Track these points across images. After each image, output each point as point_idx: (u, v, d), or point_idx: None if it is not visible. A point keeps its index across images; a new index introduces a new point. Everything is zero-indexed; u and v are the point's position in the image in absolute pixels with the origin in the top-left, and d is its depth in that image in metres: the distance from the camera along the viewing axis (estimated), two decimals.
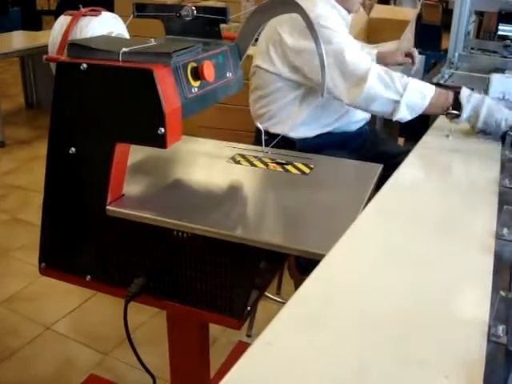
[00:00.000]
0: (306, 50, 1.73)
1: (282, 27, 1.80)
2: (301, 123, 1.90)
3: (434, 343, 0.68)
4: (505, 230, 0.96)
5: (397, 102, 1.65)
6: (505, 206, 1.04)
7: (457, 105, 1.60)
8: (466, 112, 1.59)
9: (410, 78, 1.68)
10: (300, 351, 0.67)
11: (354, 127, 2.01)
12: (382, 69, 1.69)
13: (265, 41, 1.89)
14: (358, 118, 2.00)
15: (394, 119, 1.69)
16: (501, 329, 0.68)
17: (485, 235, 0.97)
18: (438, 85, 2.05)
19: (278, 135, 1.74)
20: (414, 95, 1.65)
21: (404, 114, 1.67)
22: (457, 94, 1.63)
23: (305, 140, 1.90)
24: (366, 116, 2.04)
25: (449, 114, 1.62)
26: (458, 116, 1.60)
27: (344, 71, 1.69)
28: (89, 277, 1.28)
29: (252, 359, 0.65)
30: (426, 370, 0.64)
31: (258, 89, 1.96)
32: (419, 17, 5.68)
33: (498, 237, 0.95)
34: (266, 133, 1.82)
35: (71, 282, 1.33)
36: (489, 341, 0.67)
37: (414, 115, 1.69)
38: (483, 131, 1.59)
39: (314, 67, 1.74)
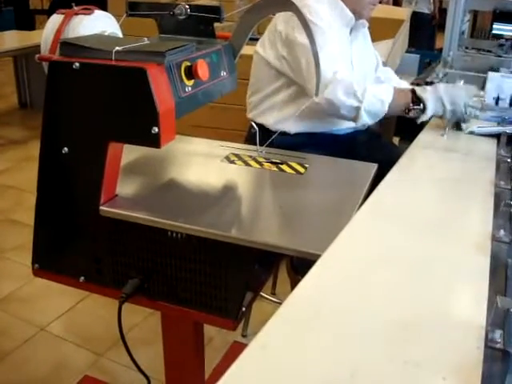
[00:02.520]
0: (296, 40, 1.73)
1: (280, 16, 1.82)
2: (283, 117, 1.88)
3: (431, 345, 0.68)
4: (501, 232, 0.95)
5: (357, 108, 1.68)
6: (501, 208, 1.04)
7: (416, 100, 1.66)
8: (429, 100, 1.63)
9: (369, 86, 1.72)
10: (295, 354, 0.66)
11: (340, 132, 1.96)
12: (345, 76, 1.70)
13: (267, 30, 1.91)
14: (346, 125, 1.94)
15: (357, 125, 1.75)
16: (498, 334, 0.67)
17: (481, 237, 0.96)
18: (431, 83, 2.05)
19: (263, 126, 1.80)
20: (373, 102, 1.69)
21: (365, 120, 1.72)
22: (413, 91, 1.69)
23: (283, 135, 1.82)
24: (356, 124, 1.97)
25: (411, 110, 1.66)
26: (422, 110, 1.64)
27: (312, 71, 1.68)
28: (82, 278, 1.27)
29: (246, 363, 0.64)
30: (424, 371, 0.63)
31: (251, 76, 1.97)
32: (433, 18, 5.70)
33: (494, 239, 0.94)
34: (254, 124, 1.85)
35: (65, 283, 1.32)
36: (486, 346, 0.66)
37: (376, 120, 1.74)
38: (453, 116, 1.63)
39: (296, 58, 1.75)
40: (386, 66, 2.21)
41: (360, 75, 1.89)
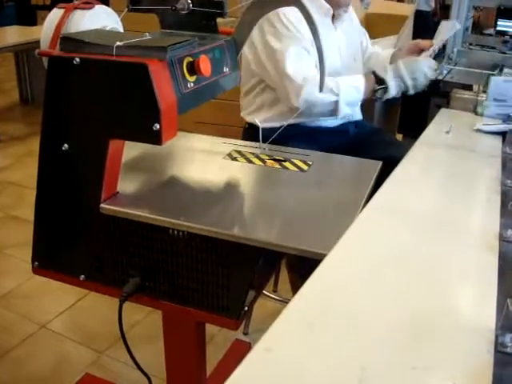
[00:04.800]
0: (273, 50, 1.77)
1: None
2: (271, 117, 1.88)
3: (440, 349, 0.66)
4: (509, 232, 0.94)
5: (336, 102, 1.74)
6: (508, 207, 1.02)
7: (378, 81, 1.74)
8: (390, 79, 1.71)
9: (339, 77, 1.77)
10: (301, 358, 0.64)
11: (325, 123, 1.94)
12: (313, 76, 1.71)
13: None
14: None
15: (339, 117, 1.81)
16: (509, 338, 0.66)
17: (488, 236, 0.94)
18: (437, 81, 2.02)
19: (252, 124, 1.82)
20: (349, 91, 1.75)
21: (345, 111, 1.78)
22: (374, 73, 1.77)
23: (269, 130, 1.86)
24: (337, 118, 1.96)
25: (377, 90, 1.72)
26: (386, 88, 1.72)
27: (284, 78, 1.74)
28: (83, 276, 1.26)
29: (251, 366, 0.62)
30: (433, 377, 0.61)
31: (241, 76, 1.97)
32: (434, 14, 5.65)
33: (502, 239, 0.92)
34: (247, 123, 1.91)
35: (65, 282, 1.30)
36: (496, 351, 0.64)
37: (355, 107, 1.82)
38: (417, 89, 1.72)
39: (265, 61, 1.80)
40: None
41: (348, 57, 1.96)
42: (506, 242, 0.91)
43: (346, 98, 1.74)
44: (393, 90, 1.74)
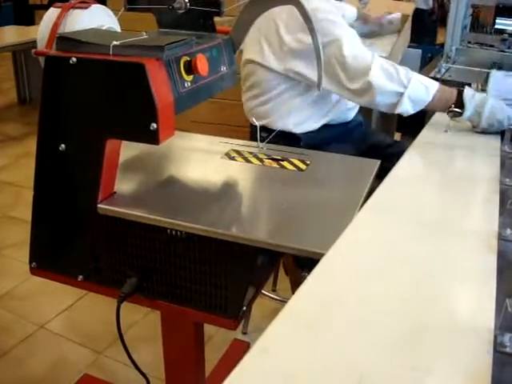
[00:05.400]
0: (307, 46, 1.66)
1: (277, 21, 1.73)
2: (302, 118, 1.85)
3: (439, 349, 0.66)
4: (508, 231, 0.93)
5: (400, 95, 1.61)
6: (507, 206, 1.02)
7: (459, 103, 1.57)
8: (468, 110, 1.55)
9: (414, 72, 1.65)
10: (299, 359, 0.64)
11: (349, 115, 1.97)
12: (385, 61, 1.65)
13: (257, 33, 1.78)
14: (349, 106, 1.94)
15: (397, 112, 1.65)
16: (508, 338, 0.65)
17: (487, 236, 0.94)
18: (436, 79, 2.02)
19: (279, 131, 1.73)
20: (419, 88, 1.62)
21: (407, 107, 1.63)
22: (460, 92, 1.59)
23: (309, 134, 1.85)
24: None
25: (451, 111, 1.58)
26: (460, 114, 1.56)
27: (344, 65, 1.64)
28: (81, 277, 1.25)
29: (248, 367, 0.62)
30: (432, 378, 0.61)
31: (255, 87, 1.88)
32: (431, 13, 5.65)
33: (501, 238, 0.92)
34: (266, 129, 1.80)
35: (63, 282, 1.30)
36: (495, 351, 0.64)
37: (417, 109, 1.64)
38: (484, 131, 1.56)
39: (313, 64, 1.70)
40: None
41: None
42: (504, 241, 0.91)
43: (413, 93, 1.60)
44: (464, 119, 1.57)
